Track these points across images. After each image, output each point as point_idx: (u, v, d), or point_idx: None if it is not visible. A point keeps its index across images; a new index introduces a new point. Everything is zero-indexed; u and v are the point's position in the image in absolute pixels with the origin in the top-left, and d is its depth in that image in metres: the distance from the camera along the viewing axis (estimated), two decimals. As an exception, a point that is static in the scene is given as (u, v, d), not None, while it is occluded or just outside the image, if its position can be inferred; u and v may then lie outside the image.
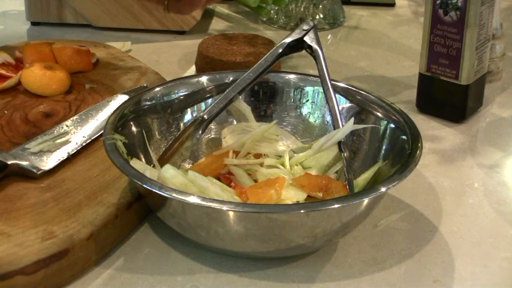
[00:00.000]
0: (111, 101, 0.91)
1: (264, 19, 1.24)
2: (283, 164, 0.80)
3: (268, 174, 0.78)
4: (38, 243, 0.68)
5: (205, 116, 0.81)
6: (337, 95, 0.81)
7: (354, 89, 0.85)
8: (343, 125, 0.80)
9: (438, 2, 0.92)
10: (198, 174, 0.74)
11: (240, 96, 0.83)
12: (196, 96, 0.85)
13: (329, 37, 1.21)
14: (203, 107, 0.84)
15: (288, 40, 0.83)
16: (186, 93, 0.85)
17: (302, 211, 0.68)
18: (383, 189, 0.70)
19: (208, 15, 1.28)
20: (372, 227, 0.78)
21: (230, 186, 0.77)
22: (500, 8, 1.15)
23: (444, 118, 0.97)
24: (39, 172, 0.78)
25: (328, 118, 0.84)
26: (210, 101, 0.85)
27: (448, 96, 0.96)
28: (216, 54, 1.03)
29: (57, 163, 0.79)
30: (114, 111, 0.78)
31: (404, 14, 1.29)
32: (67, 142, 0.82)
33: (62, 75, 0.95)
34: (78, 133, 0.84)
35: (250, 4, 1.21)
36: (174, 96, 0.84)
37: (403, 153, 0.76)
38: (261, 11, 1.21)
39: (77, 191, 0.76)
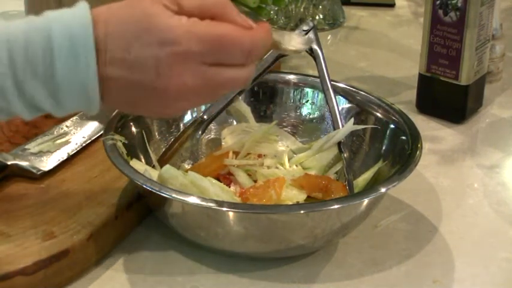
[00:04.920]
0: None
1: (264, 19, 1.24)
2: (283, 165, 0.80)
3: (268, 174, 0.78)
4: (37, 244, 0.68)
5: (205, 117, 0.81)
6: (337, 96, 0.81)
7: (354, 89, 0.85)
8: (343, 126, 0.80)
9: (438, 2, 0.92)
10: (198, 175, 0.74)
11: (240, 97, 0.83)
12: (196, 97, 0.85)
13: (329, 37, 1.21)
14: (203, 108, 0.84)
15: (288, 40, 0.83)
16: (186, 93, 0.85)
17: (302, 211, 0.68)
18: (383, 190, 0.70)
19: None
20: (371, 227, 0.78)
21: (230, 187, 0.77)
22: (500, 8, 1.15)
23: (444, 118, 0.97)
24: (39, 172, 0.78)
25: (328, 119, 0.84)
26: (210, 101, 0.85)
27: (448, 97, 0.96)
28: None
29: (57, 164, 0.79)
30: (114, 112, 0.78)
31: (404, 14, 1.29)
32: (67, 142, 0.82)
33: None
34: (78, 134, 0.84)
35: (250, 4, 1.21)
36: (174, 97, 0.84)
37: (403, 153, 0.76)
38: (260, 11, 1.21)
39: (76, 192, 0.76)
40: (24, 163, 0.79)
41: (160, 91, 0.60)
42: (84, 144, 0.82)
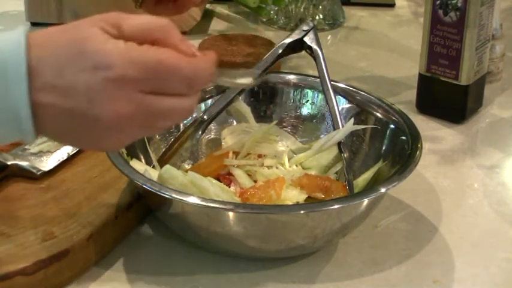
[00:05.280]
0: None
1: (264, 20, 1.24)
2: (283, 165, 0.80)
3: (268, 174, 0.78)
4: (37, 244, 0.68)
5: (205, 117, 0.81)
6: (337, 96, 0.81)
7: (354, 89, 0.85)
8: (343, 126, 0.80)
9: (438, 2, 0.92)
10: (198, 175, 0.74)
11: (240, 97, 0.83)
12: (196, 97, 0.85)
13: (329, 38, 1.21)
14: (203, 108, 0.84)
15: (288, 41, 0.83)
16: (186, 93, 0.85)
17: (302, 212, 0.68)
18: (383, 190, 0.70)
19: (208, 15, 1.28)
20: (371, 227, 0.78)
21: (230, 187, 0.77)
22: (500, 8, 1.15)
23: (444, 118, 0.97)
24: (39, 173, 0.78)
25: (328, 119, 0.84)
26: (209, 101, 0.85)
27: (448, 97, 0.96)
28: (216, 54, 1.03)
29: (57, 164, 0.79)
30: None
31: (404, 14, 1.29)
32: (67, 143, 0.82)
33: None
34: (78, 134, 0.84)
35: (250, 4, 1.21)
36: (174, 97, 0.84)
37: (403, 153, 0.76)
38: (260, 11, 1.21)
39: (76, 192, 0.76)
40: (24, 163, 0.79)
41: (91, 120, 0.56)
42: (84, 144, 0.82)
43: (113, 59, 0.55)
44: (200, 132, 0.82)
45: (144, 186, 0.68)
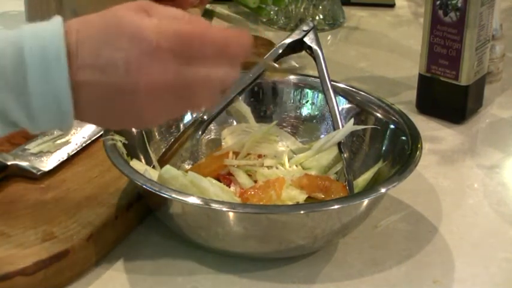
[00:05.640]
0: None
1: (264, 20, 1.24)
2: (283, 165, 0.80)
3: (268, 175, 0.78)
4: (37, 244, 0.68)
5: (205, 117, 0.81)
6: (337, 96, 0.81)
7: (354, 89, 0.85)
8: (343, 126, 0.80)
9: (438, 2, 0.92)
10: (198, 175, 0.74)
11: (240, 97, 0.83)
12: (196, 97, 0.85)
13: (329, 38, 1.21)
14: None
15: (288, 41, 0.83)
16: (186, 93, 0.85)
17: (302, 212, 0.68)
18: (383, 190, 0.70)
19: (208, 15, 1.28)
20: (371, 227, 0.78)
21: (230, 187, 0.77)
22: (500, 8, 1.15)
23: (444, 119, 0.97)
24: (39, 173, 0.78)
25: (328, 119, 0.84)
26: (210, 101, 0.85)
27: (448, 97, 0.96)
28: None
29: (57, 164, 0.79)
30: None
31: (404, 14, 1.29)
32: (67, 143, 0.82)
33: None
34: (78, 134, 0.84)
35: (250, 5, 1.21)
36: (174, 97, 0.84)
37: (403, 154, 0.76)
38: (260, 11, 1.21)
39: (76, 192, 0.76)
40: (24, 163, 0.79)
41: (130, 91, 0.58)
42: (84, 145, 0.82)
43: (147, 32, 0.58)
44: (200, 133, 0.82)
45: (144, 186, 0.68)
